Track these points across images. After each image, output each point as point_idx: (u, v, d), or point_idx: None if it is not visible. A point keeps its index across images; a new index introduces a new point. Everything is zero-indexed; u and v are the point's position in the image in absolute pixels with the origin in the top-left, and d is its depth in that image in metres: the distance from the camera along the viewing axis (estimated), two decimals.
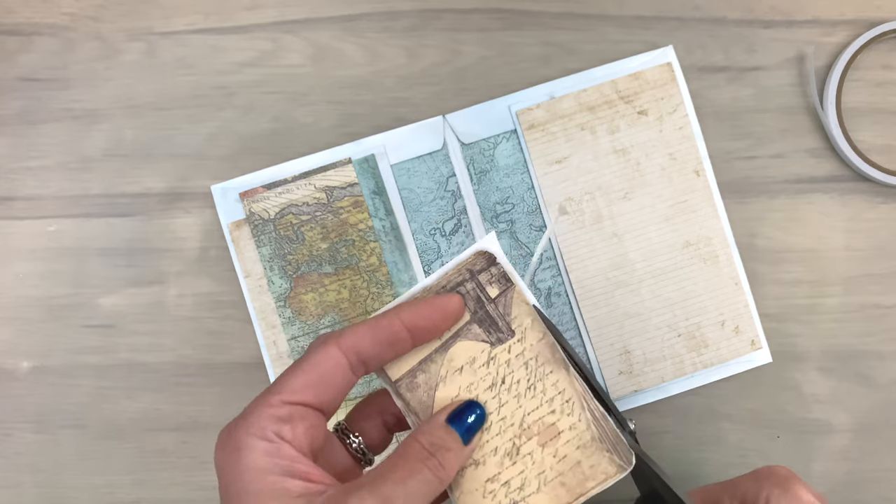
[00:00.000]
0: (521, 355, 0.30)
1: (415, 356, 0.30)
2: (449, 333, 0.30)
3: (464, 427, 0.28)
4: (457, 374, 0.30)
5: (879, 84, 0.45)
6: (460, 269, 0.30)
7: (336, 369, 0.27)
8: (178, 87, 0.45)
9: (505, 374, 0.30)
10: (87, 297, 0.44)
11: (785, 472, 0.32)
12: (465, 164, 0.44)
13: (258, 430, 0.25)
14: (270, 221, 0.44)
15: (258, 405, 0.26)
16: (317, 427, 0.27)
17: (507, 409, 0.29)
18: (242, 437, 0.25)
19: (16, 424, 0.44)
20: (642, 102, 0.44)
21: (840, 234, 0.44)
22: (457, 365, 0.30)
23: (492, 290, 0.30)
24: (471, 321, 0.30)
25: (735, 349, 0.44)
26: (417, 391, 0.30)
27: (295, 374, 0.27)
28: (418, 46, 0.45)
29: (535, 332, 0.30)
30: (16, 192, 0.45)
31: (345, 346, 0.27)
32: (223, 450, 0.26)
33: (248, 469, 0.25)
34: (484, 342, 0.30)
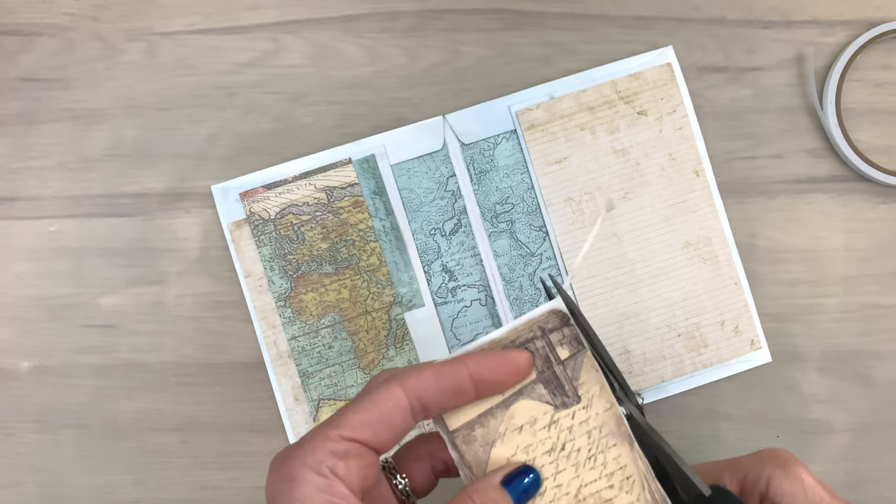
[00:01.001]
0: (585, 423, 0.29)
1: (475, 408, 0.29)
2: (512, 390, 0.29)
3: (518, 491, 0.27)
4: (516, 433, 0.29)
5: (879, 84, 0.45)
6: (532, 325, 0.29)
7: (397, 411, 0.27)
8: (179, 87, 0.45)
9: (566, 441, 0.29)
10: (88, 297, 0.45)
11: (787, 454, 0.32)
12: (465, 164, 0.44)
13: (313, 463, 0.25)
14: (271, 221, 0.44)
15: (316, 437, 0.26)
16: (370, 467, 0.27)
17: (563, 476, 0.28)
18: (297, 468, 0.25)
19: (17, 424, 0.44)
20: (642, 103, 0.44)
21: (839, 234, 0.44)
22: (517, 423, 0.29)
23: (562, 352, 0.29)
24: (536, 380, 0.29)
25: (735, 349, 0.44)
26: (474, 444, 0.29)
27: (355, 410, 0.26)
28: (418, 46, 0.45)
29: (602, 401, 0.29)
30: (16, 192, 0.45)
31: (408, 388, 0.27)
32: (276, 475, 0.26)
33: (298, 501, 0.25)
34: (548, 404, 0.29)
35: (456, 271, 0.44)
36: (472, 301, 0.44)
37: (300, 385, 0.43)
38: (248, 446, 0.44)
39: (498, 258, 0.44)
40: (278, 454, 0.26)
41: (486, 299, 0.44)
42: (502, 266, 0.44)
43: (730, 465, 0.33)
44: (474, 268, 0.44)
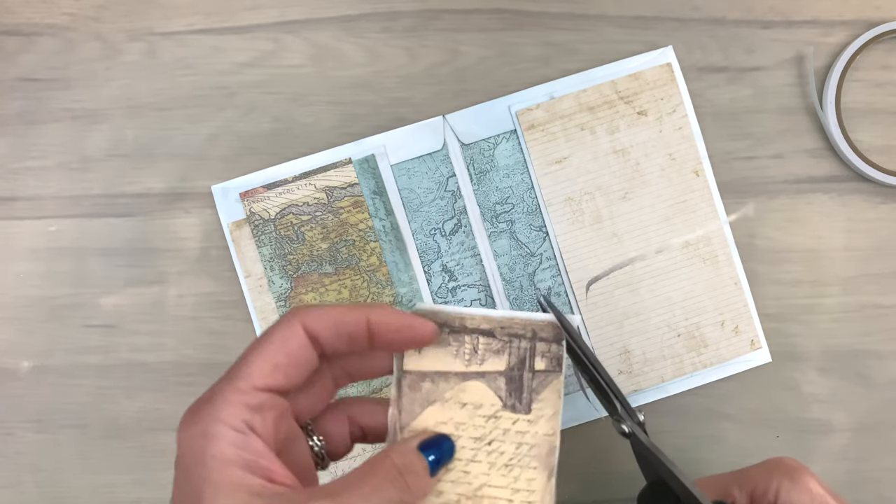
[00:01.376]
0: (522, 434, 0.29)
1: (435, 364, 0.29)
2: (478, 367, 0.29)
3: (433, 457, 0.28)
4: (457, 406, 0.29)
5: (879, 84, 0.45)
6: (527, 324, 0.29)
7: (302, 349, 0.26)
8: (179, 87, 0.45)
9: (495, 439, 0.29)
10: (88, 297, 0.45)
11: (795, 464, 0.32)
12: (465, 165, 0.44)
13: (228, 418, 0.25)
14: (271, 221, 0.44)
15: (227, 390, 0.25)
16: (285, 418, 0.26)
17: (474, 467, 0.28)
18: (211, 423, 0.24)
19: (17, 424, 0.44)
20: (642, 103, 0.44)
21: (839, 234, 0.44)
22: (464, 399, 0.29)
23: (539, 363, 0.29)
24: (503, 373, 0.29)
25: (734, 349, 0.44)
26: (416, 394, 0.29)
27: (262, 355, 0.26)
28: (418, 46, 0.45)
29: (548, 425, 0.29)
30: (16, 192, 0.45)
31: (307, 325, 0.27)
32: (188, 432, 0.25)
33: (213, 458, 0.24)
34: (500, 399, 0.29)
35: (456, 271, 0.44)
36: (472, 301, 0.44)
37: None
38: None
39: (498, 258, 0.44)
40: (188, 409, 0.25)
41: (486, 299, 0.44)
42: (502, 266, 0.44)
43: (738, 477, 0.33)
44: (474, 268, 0.44)
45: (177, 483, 0.25)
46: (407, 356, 0.29)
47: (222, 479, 0.24)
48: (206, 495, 0.24)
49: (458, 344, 0.29)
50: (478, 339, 0.29)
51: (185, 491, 0.24)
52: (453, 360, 0.29)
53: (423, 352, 0.29)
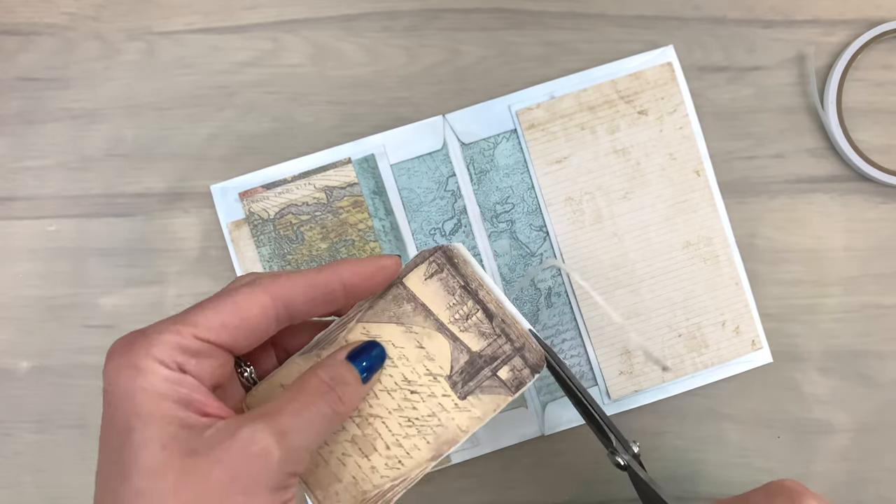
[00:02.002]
0: (441, 409, 0.29)
1: (431, 300, 0.29)
2: (457, 331, 0.29)
3: (363, 366, 0.28)
4: (413, 343, 0.29)
5: (880, 84, 0.45)
6: (522, 336, 0.29)
7: (261, 318, 0.26)
8: (178, 86, 0.45)
9: (419, 393, 0.29)
10: (87, 296, 0.44)
11: (796, 486, 0.32)
12: (465, 164, 0.44)
13: (160, 355, 0.24)
14: (270, 221, 0.44)
15: (164, 330, 0.24)
16: (224, 366, 0.26)
17: (384, 399, 0.29)
18: (141, 357, 0.24)
19: (16, 424, 0.44)
20: (642, 102, 0.44)
21: (840, 234, 0.44)
22: (424, 343, 0.29)
23: (503, 373, 0.29)
24: (471, 353, 0.29)
25: (735, 349, 0.43)
26: (393, 307, 0.29)
27: (215, 309, 0.25)
28: (418, 46, 0.45)
29: (467, 421, 0.29)
30: (16, 192, 0.45)
31: (276, 296, 0.26)
32: (116, 363, 0.24)
33: (142, 390, 0.23)
34: (450, 368, 0.29)
35: None
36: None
37: None
38: None
39: (498, 258, 0.44)
40: (119, 340, 0.25)
41: None
42: (502, 266, 0.44)
43: (739, 501, 0.33)
44: None
45: (104, 418, 0.24)
46: (413, 273, 0.29)
47: (153, 412, 0.23)
48: (136, 428, 0.23)
49: (460, 302, 0.29)
50: (477, 311, 0.29)
51: (113, 425, 0.24)
52: (445, 309, 0.29)
53: (428, 282, 0.29)
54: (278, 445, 0.23)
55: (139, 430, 0.23)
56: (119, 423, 0.23)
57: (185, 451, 0.23)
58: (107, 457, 0.24)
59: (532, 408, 0.43)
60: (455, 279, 0.29)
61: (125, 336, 0.25)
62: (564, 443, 0.44)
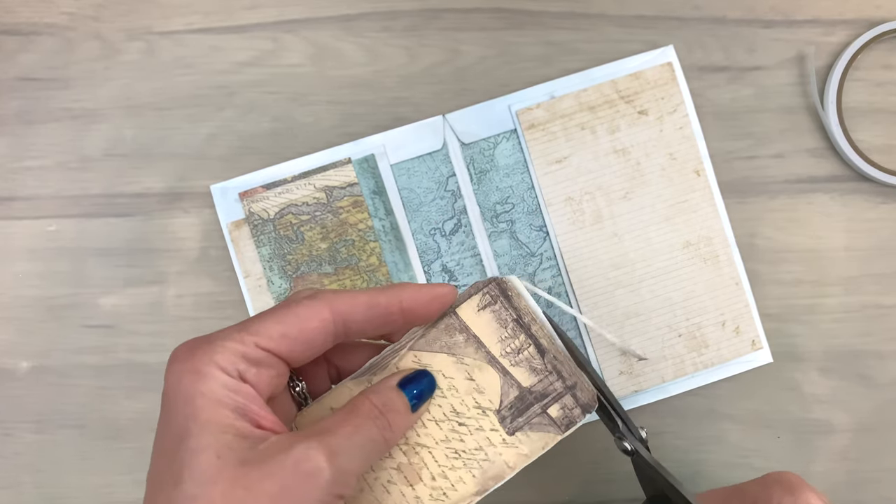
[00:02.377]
0: (489, 443, 0.28)
1: (484, 331, 0.29)
2: (507, 365, 0.28)
3: (413, 394, 0.28)
4: (463, 374, 0.28)
5: (880, 84, 0.45)
6: (574, 375, 0.28)
7: (319, 331, 0.26)
8: (178, 86, 0.45)
9: (468, 425, 0.28)
10: (87, 297, 0.44)
11: (794, 479, 0.32)
12: (465, 164, 0.44)
13: (223, 362, 0.24)
14: (270, 221, 0.44)
15: (229, 338, 0.25)
16: (281, 377, 0.26)
17: (432, 429, 0.28)
18: (205, 363, 0.24)
19: (15, 424, 0.44)
20: (642, 102, 0.44)
21: (840, 234, 0.44)
22: (475, 376, 0.28)
23: (553, 411, 0.28)
24: (521, 388, 0.28)
25: (735, 349, 0.43)
26: (445, 336, 0.29)
27: (277, 320, 0.26)
28: (418, 46, 0.45)
29: (514, 458, 0.28)
30: (15, 192, 0.45)
31: (336, 311, 0.26)
32: (179, 366, 0.24)
33: (203, 395, 0.24)
34: (499, 402, 0.28)
35: (456, 271, 0.44)
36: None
37: None
38: None
39: (498, 258, 0.44)
40: (183, 345, 0.25)
41: None
42: (502, 266, 0.44)
43: (736, 492, 0.33)
44: (474, 268, 0.44)
45: (161, 421, 0.25)
46: (467, 304, 0.29)
47: (211, 418, 0.24)
48: (193, 433, 0.23)
49: (512, 336, 0.29)
50: (529, 345, 0.29)
51: (170, 428, 0.24)
52: (496, 342, 0.29)
53: (481, 313, 0.29)
54: (329, 466, 0.24)
55: (196, 436, 0.23)
56: (176, 427, 0.24)
57: (238, 461, 0.23)
58: (161, 458, 0.24)
59: None
60: (508, 312, 0.29)
61: (189, 341, 0.25)
62: (564, 443, 0.44)
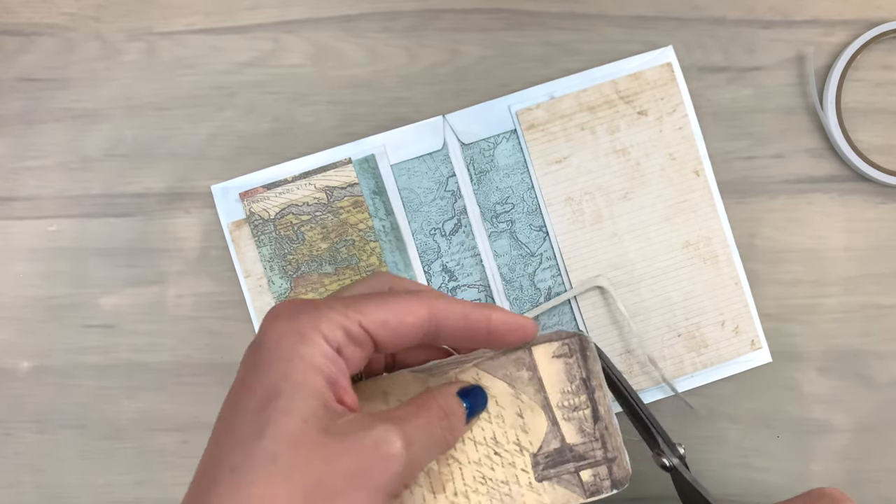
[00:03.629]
0: (516, 480, 0.28)
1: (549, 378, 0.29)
2: (559, 416, 0.29)
3: (469, 406, 0.28)
4: (514, 409, 0.29)
5: (879, 84, 0.45)
6: (617, 449, 0.29)
7: (415, 327, 0.26)
8: (179, 87, 0.45)
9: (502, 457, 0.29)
10: (88, 297, 0.44)
11: (838, 494, 0.32)
12: (465, 164, 0.44)
13: (327, 331, 0.25)
14: (270, 221, 0.44)
15: (334, 309, 0.25)
16: (365, 360, 0.27)
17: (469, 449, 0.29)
18: (310, 329, 0.24)
19: (16, 424, 0.44)
20: (642, 102, 0.44)
21: (840, 234, 0.44)
22: (525, 414, 0.29)
23: (586, 475, 0.29)
24: (562, 442, 0.29)
25: (735, 349, 0.44)
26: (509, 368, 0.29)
27: (381, 306, 0.26)
28: (418, 46, 0.45)
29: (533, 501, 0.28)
30: (16, 192, 0.45)
31: (433, 311, 0.27)
32: (284, 325, 0.25)
33: (302, 358, 0.24)
34: (538, 447, 0.29)
35: (456, 271, 0.44)
36: (473, 301, 0.44)
37: None
38: None
39: (498, 258, 0.44)
40: (286, 304, 0.25)
41: (486, 299, 0.44)
42: (502, 266, 0.44)
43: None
44: (474, 268, 0.44)
45: (247, 373, 0.25)
46: (544, 347, 0.29)
47: (306, 382, 0.24)
48: (285, 392, 0.23)
49: (575, 392, 0.29)
50: (587, 408, 0.29)
51: (258, 382, 0.24)
52: (558, 392, 0.29)
53: (554, 360, 0.29)
54: (406, 452, 0.24)
55: (287, 396, 0.23)
56: (266, 382, 0.24)
57: (321, 430, 0.23)
58: (238, 411, 0.24)
59: None
60: (580, 370, 0.29)
61: (292, 302, 0.26)
62: None
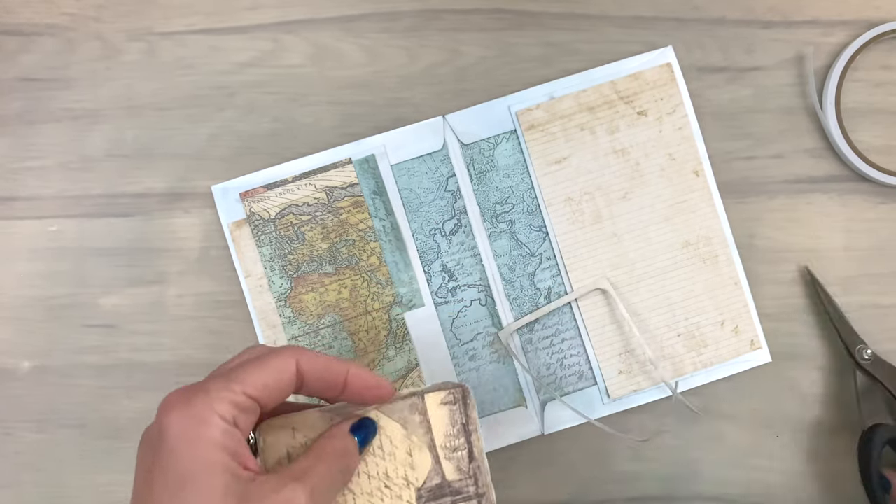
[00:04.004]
0: None
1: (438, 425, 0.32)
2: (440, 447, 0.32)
3: (361, 438, 0.31)
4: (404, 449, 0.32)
5: (879, 84, 0.45)
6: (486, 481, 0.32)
7: (289, 382, 0.29)
8: (179, 87, 0.45)
9: (389, 486, 0.32)
10: (88, 296, 0.45)
11: None
12: (465, 164, 0.44)
13: (222, 410, 0.27)
14: (271, 221, 0.44)
15: (222, 388, 0.28)
16: (254, 422, 0.29)
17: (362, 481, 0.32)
18: (206, 410, 0.27)
19: (16, 424, 0.44)
20: (642, 103, 0.44)
21: (839, 234, 0.44)
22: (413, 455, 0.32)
23: None
24: (443, 477, 0.32)
25: (734, 349, 0.44)
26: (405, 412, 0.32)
27: (259, 371, 0.29)
28: (418, 47, 0.45)
29: None
30: (17, 192, 0.45)
31: (301, 366, 0.30)
32: (181, 413, 0.27)
33: (207, 440, 0.26)
34: (421, 479, 0.32)
35: (456, 271, 0.44)
36: (472, 301, 0.44)
37: None
38: None
39: (498, 258, 0.44)
40: (177, 393, 0.28)
41: (486, 299, 0.44)
42: (502, 266, 0.44)
43: None
44: (474, 268, 0.44)
45: (155, 463, 0.27)
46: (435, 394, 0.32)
47: (214, 460, 0.26)
48: (199, 474, 0.26)
49: (455, 435, 0.32)
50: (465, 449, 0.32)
51: (170, 470, 0.26)
52: (442, 434, 0.32)
53: (441, 407, 0.32)
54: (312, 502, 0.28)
55: (201, 477, 0.26)
56: (179, 468, 0.26)
57: (238, 498, 0.26)
58: (158, 498, 0.26)
59: (531, 407, 0.43)
60: (461, 415, 0.32)
61: (182, 390, 0.28)
62: (564, 442, 0.44)
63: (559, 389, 0.44)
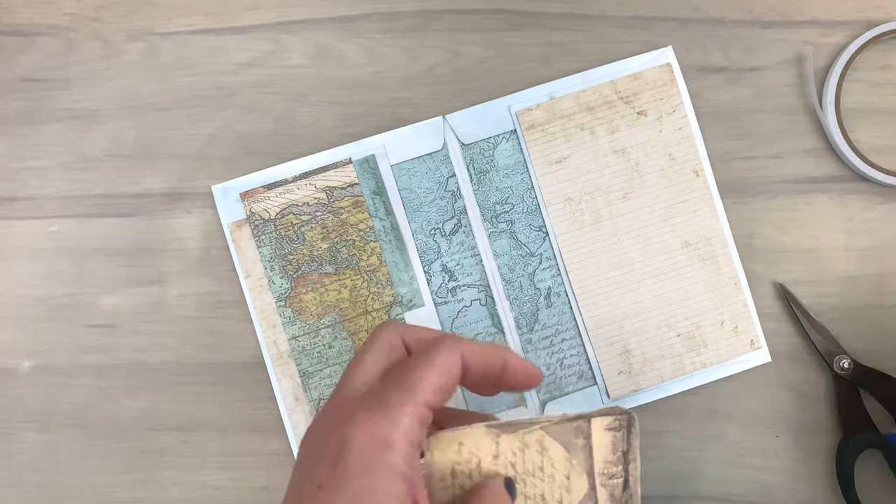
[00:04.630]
0: None
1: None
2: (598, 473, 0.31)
3: (513, 496, 0.29)
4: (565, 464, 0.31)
5: (878, 84, 0.45)
6: None
7: (457, 381, 0.27)
8: (179, 87, 0.45)
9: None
10: (89, 296, 0.45)
11: None
12: (465, 165, 0.44)
13: (407, 431, 0.25)
14: (271, 221, 0.44)
15: (403, 400, 0.25)
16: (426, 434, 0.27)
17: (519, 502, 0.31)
18: (393, 432, 0.24)
19: (17, 424, 0.44)
20: (641, 103, 0.44)
21: (839, 234, 0.44)
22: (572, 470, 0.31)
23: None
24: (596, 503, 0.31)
25: (734, 349, 0.44)
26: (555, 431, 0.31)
27: (431, 373, 0.26)
28: (418, 47, 0.45)
29: None
30: (17, 192, 0.45)
31: (464, 357, 0.27)
32: (367, 431, 0.24)
33: (390, 468, 0.24)
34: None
35: (456, 271, 0.44)
36: (472, 301, 0.44)
37: (300, 385, 0.43)
38: (248, 446, 0.44)
39: (498, 258, 0.44)
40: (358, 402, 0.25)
41: (486, 299, 0.44)
42: (502, 266, 0.44)
43: None
44: (474, 268, 0.44)
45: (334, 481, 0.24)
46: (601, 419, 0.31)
47: (391, 490, 0.24)
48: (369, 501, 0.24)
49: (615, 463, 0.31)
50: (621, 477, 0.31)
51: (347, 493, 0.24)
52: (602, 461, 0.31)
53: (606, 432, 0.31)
54: None
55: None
56: (354, 489, 0.24)
57: None
58: None
59: (531, 407, 0.44)
60: (623, 443, 0.31)
61: (361, 399, 0.26)
62: None
63: (559, 389, 0.44)
